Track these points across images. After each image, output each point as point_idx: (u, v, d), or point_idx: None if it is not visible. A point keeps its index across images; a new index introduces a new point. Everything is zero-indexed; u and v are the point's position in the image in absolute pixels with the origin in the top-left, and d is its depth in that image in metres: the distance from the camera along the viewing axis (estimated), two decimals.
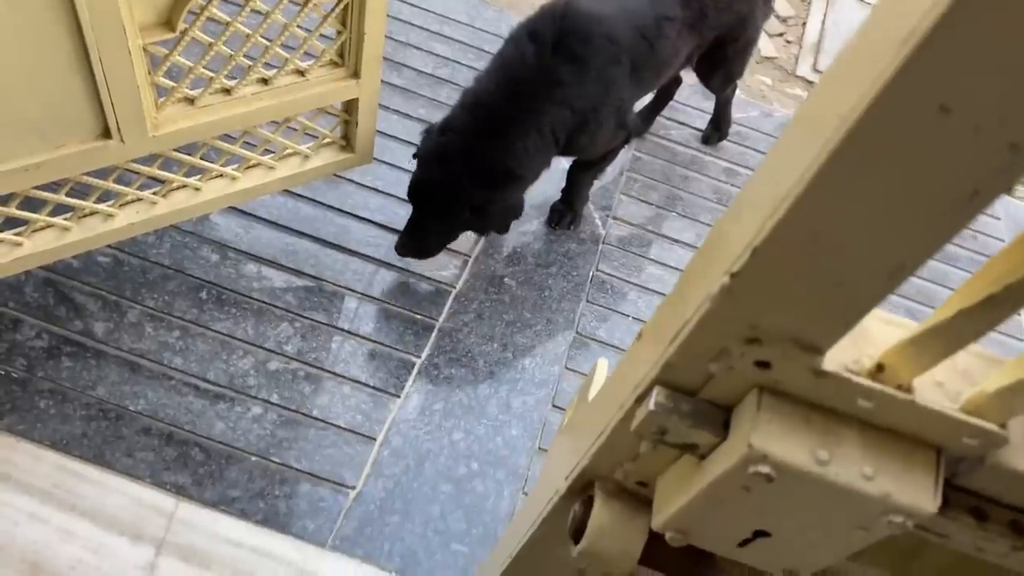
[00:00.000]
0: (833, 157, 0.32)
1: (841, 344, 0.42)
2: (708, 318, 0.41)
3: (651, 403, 0.46)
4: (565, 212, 2.59)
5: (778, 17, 3.83)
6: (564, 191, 2.58)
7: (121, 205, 1.83)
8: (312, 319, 2.16)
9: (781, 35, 3.78)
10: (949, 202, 0.32)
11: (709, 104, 3.06)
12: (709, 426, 0.46)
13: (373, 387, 2.09)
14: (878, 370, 0.42)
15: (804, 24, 3.83)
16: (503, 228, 2.38)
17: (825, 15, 3.89)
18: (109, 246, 2.03)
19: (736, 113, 3.15)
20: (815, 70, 3.68)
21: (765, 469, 0.42)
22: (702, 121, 3.06)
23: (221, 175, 1.94)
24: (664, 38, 2.23)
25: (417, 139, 2.23)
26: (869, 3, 3.99)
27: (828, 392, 0.43)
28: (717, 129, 3.02)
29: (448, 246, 2.41)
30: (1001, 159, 0.30)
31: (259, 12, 1.68)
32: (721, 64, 2.65)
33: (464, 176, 2.10)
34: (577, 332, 2.38)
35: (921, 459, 0.43)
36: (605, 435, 0.54)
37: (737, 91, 3.28)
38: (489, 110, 2.09)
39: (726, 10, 2.38)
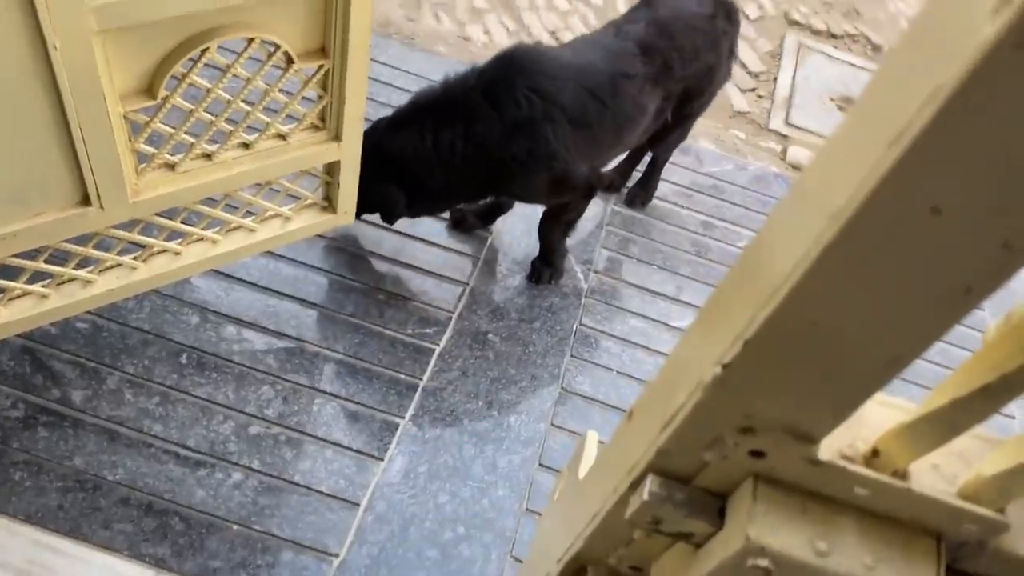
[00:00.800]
0: (826, 253, 0.32)
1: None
2: (701, 407, 0.40)
3: (645, 492, 0.45)
4: (543, 267, 2.59)
5: (749, 73, 3.92)
6: (540, 246, 2.59)
7: (101, 271, 1.81)
8: (293, 381, 2.14)
9: (753, 90, 3.86)
10: (944, 298, 0.32)
11: (684, 157, 3.10)
12: (704, 515, 0.45)
13: (356, 450, 2.06)
14: (873, 455, 0.42)
15: (775, 79, 3.92)
16: (382, 215, 2.38)
17: (795, 70, 3.98)
18: (88, 312, 2.00)
19: (711, 167, 3.19)
20: (788, 124, 3.75)
21: (763, 562, 0.41)
22: (678, 175, 3.10)
23: (202, 239, 1.94)
24: (622, 96, 2.25)
25: None
26: (838, 59, 4.09)
27: (824, 480, 0.42)
28: (645, 189, 2.97)
29: (429, 303, 2.42)
30: (994, 257, 0.30)
31: (240, 77, 1.69)
32: (682, 122, 2.65)
33: (371, 147, 2.21)
34: (562, 387, 2.37)
35: (921, 547, 0.42)
36: (599, 519, 0.53)
37: (711, 145, 3.34)
38: (415, 107, 2.24)
39: (693, 60, 2.40)
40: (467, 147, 2.19)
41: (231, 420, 2.02)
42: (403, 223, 2.57)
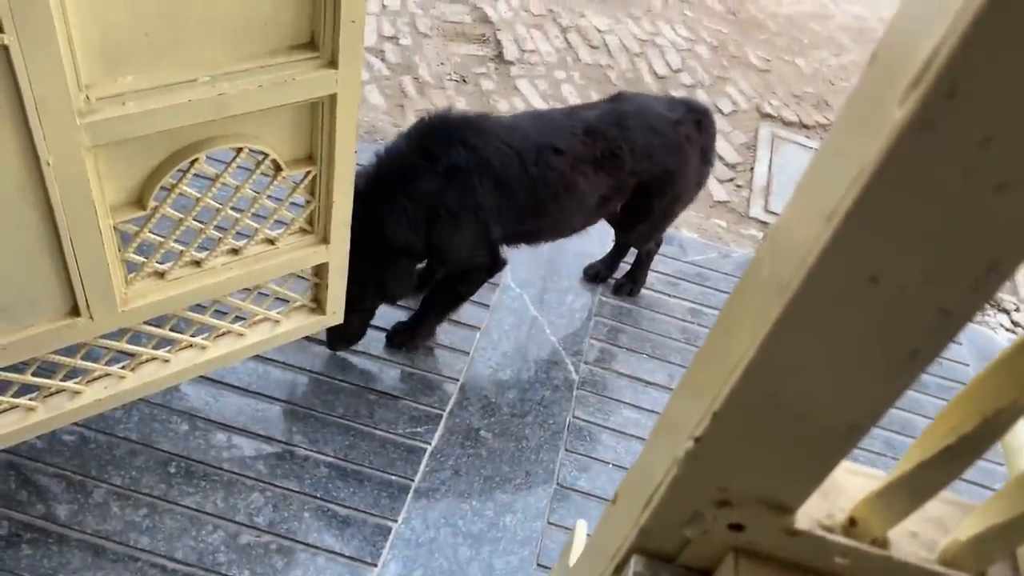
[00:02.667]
0: (778, 325, 0.33)
1: (811, 498, 0.42)
2: (677, 482, 0.41)
3: (630, 573, 0.45)
4: (404, 333, 2.54)
5: (727, 164, 4.03)
6: (417, 313, 2.54)
7: (88, 381, 1.81)
8: (283, 487, 2.10)
9: (731, 180, 3.97)
10: (892, 363, 0.33)
11: (668, 247, 3.15)
12: None
13: (348, 556, 2.01)
14: (851, 524, 0.42)
15: (752, 169, 4.03)
16: (399, 291, 2.38)
17: (771, 160, 4.10)
18: (75, 423, 1.98)
19: (695, 255, 3.25)
20: (767, 211, 3.84)
21: None
22: (663, 264, 3.15)
23: (191, 345, 1.94)
24: (546, 166, 2.29)
25: None
26: (811, 147, 4.22)
27: (804, 551, 0.42)
28: (632, 281, 2.99)
29: (420, 401, 2.40)
30: (932, 322, 0.32)
31: (229, 186, 1.73)
32: (645, 217, 2.65)
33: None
34: (558, 483, 2.34)
35: None
36: None
37: (694, 234, 3.40)
38: (359, 192, 2.13)
39: (645, 159, 2.42)
40: (415, 205, 2.22)
41: (220, 530, 1.97)
42: (391, 320, 2.59)
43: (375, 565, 2.01)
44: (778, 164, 4.08)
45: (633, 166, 2.42)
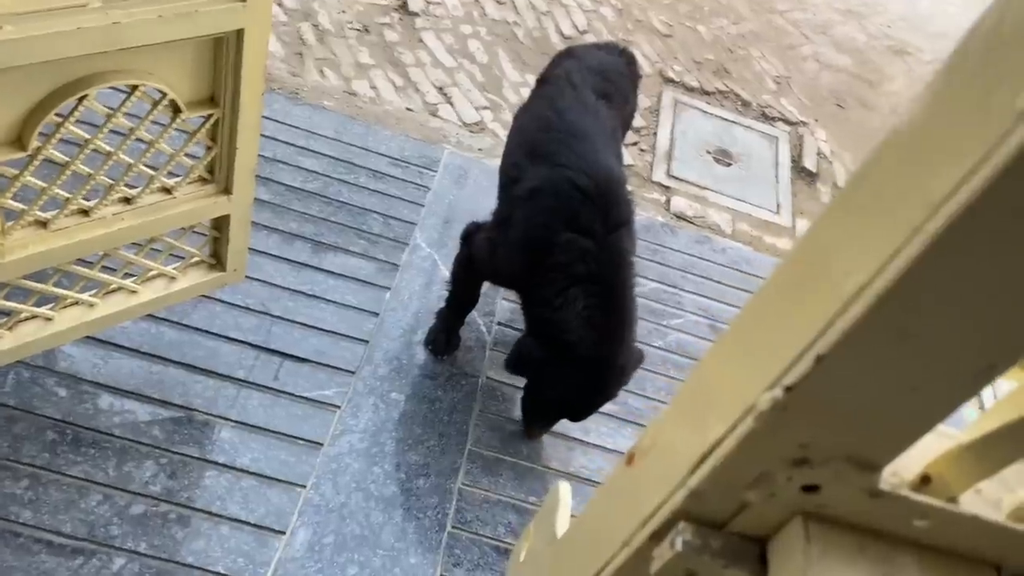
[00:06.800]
0: (931, 247, 0.28)
1: None
2: (750, 439, 0.36)
3: (678, 542, 0.40)
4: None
5: (632, 128, 4.03)
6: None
7: None
8: (182, 453, 1.97)
9: (635, 144, 3.98)
10: None
11: None
12: (746, 563, 0.40)
13: (254, 524, 1.90)
14: (923, 482, 0.38)
15: (655, 134, 4.05)
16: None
17: (673, 126, 4.13)
18: None
19: None
20: (669, 175, 3.87)
21: None
22: None
23: (76, 302, 1.77)
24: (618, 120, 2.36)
25: (289, 253, 2.12)
26: (712, 114, 4.28)
27: (882, 514, 0.38)
28: None
29: (327, 362, 2.30)
30: None
31: (122, 127, 1.57)
32: None
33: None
34: (471, 445, 2.29)
35: None
36: None
37: None
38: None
39: (624, 103, 2.47)
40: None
41: (112, 500, 1.83)
42: (294, 280, 2.46)
43: (283, 532, 1.91)
44: (680, 130, 4.12)
45: (621, 102, 2.43)
